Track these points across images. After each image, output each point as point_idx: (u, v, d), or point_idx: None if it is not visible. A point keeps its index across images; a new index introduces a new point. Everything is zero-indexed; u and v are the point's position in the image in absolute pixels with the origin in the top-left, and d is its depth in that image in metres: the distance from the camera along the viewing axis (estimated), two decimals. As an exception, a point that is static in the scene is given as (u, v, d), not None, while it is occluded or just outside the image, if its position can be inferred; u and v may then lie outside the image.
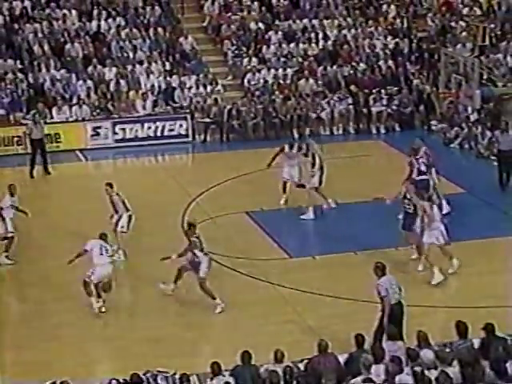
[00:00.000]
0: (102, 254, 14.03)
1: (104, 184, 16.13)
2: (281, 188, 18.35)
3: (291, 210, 18.17)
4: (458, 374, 9.99)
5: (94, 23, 26.04)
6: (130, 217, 15.93)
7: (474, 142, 22.52)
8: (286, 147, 18.39)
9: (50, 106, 23.39)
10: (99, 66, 24.66)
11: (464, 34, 27.17)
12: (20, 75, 24.08)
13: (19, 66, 24.39)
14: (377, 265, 12.37)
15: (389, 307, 12.01)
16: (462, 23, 27.64)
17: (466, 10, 28.39)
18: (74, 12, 26.14)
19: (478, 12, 28.24)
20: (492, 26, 27.18)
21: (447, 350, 10.32)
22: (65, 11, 26.08)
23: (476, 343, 10.55)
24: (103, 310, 14.00)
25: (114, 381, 10.43)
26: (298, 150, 18.38)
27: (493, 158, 21.44)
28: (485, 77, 25.40)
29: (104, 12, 26.31)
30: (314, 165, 17.69)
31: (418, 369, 9.98)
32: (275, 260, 16.05)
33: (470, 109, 23.89)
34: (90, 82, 24.27)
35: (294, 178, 18.29)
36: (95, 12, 26.27)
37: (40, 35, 25.34)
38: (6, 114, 23.31)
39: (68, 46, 25.17)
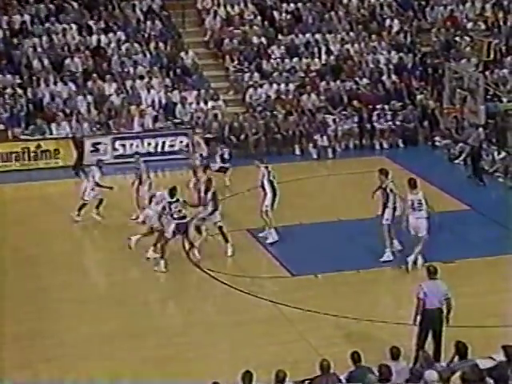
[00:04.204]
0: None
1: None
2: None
3: (292, 227, 18.21)
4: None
5: (94, 37, 26.24)
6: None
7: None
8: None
9: (50, 121, 23.50)
10: (99, 81, 24.79)
11: (468, 48, 27.35)
12: (19, 90, 24.23)
13: (18, 81, 24.54)
14: (428, 267, 12.76)
15: (420, 309, 12.25)
16: (467, 38, 27.81)
17: (470, 25, 28.58)
18: (73, 26, 26.35)
19: (483, 27, 28.40)
20: (497, 41, 27.31)
21: (449, 370, 10.34)
22: (64, 25, 26.29)
23: (481, 363, 10.57)
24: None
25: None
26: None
27: (497, 174, 21.63)
28: (490, 92, 25.52)
29: (104, 26, 26.50)
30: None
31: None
32: (276, 278, 16.08)
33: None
34: (89, 98, 24.40)
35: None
36: (95, 26, 26.47)
37: (39, 50, 25.52)
38: (4, 130, 23.41)
39: (68, 60, 25.35)
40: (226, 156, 21.00)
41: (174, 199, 16.40)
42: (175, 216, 16.27)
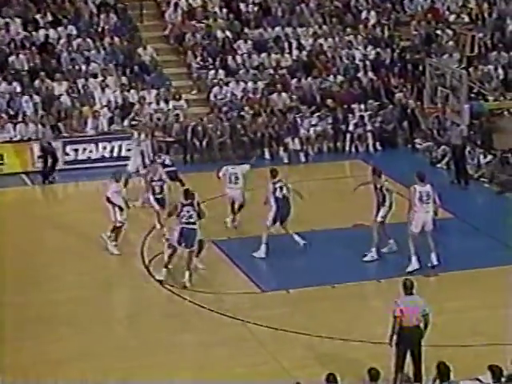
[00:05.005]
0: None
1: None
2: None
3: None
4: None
5: (42, 32, 26.15)
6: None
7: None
8: None
9: (-7, 124, 23.45)
10: (48, 80, 24.73)
11: (451, 43, 27.69)
12: (-42, 91, 24.15)
13: (-43, 81, 24.45)
14: (404, 281, 12.82)
15: (397, 328, 12.33)
16: (449, 31, 28.16)
17: (452, 17, 28.93)
18: (18, 20, 26.23)
19: (466, 19, 28.76)
20: (481, 34, 27.69)
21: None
22: (7, 19, 26.14)
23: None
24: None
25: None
26: None
27: (483, 179, 21.93)
28: (474, 90, 25.84)
29: (52, 20, 26.43)
30: None
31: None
32: (245, 294, 16.17)
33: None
34: (37, 98, 24.32)
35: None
36: (42, 20, 26.38)
37: (-20, 46, 25.44)
38: None
39: (12, 57, 25.22)
40: (168, 162, 20.66)
41: (188, 201, 16.40)
42: (183, 220, 16.28)
